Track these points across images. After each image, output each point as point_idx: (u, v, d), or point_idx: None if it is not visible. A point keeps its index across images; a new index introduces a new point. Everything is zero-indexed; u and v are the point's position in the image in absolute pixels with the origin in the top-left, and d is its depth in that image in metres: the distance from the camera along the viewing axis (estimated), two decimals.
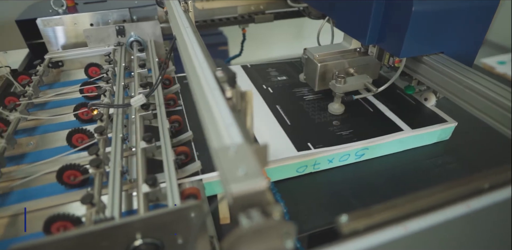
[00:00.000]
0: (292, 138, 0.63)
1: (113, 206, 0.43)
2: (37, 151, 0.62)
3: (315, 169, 0.62)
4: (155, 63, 0.81)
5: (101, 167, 0.49)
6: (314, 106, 0.75)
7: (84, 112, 0.67)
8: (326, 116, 0.71)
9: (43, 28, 0.97)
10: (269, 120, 0.70)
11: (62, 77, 0.92)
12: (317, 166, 0.62)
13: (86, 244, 0.34)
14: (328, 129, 0.67)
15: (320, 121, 0.70)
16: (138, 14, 1.06)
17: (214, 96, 0.40)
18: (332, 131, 0.66)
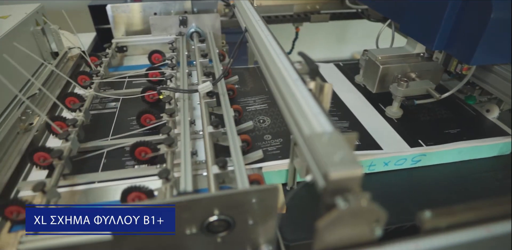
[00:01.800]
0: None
1: (186, 182, 0.45)
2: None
3: (370, 170, 0.62)
4: (215, 54, 0.84)
5: (173, 147, 0.52)
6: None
7: (150, 95, 0.71)
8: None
9: (112, 14, 1.02)
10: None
11: (125, 61, 0.97)
12: (372, 168, 0.62)
13: None
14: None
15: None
16: (199, 6, 1.10)
17: (298, 86, 0.42)
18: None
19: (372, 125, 0.67)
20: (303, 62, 0.48)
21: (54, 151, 0.50)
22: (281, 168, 0.57)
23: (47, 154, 0.54)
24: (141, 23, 1.06)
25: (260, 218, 0.40)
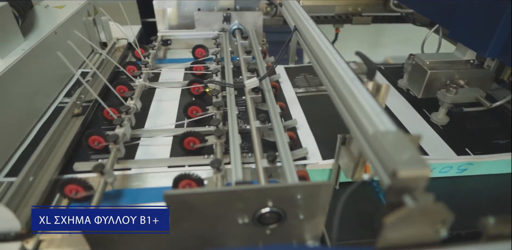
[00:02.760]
0: None
1: (236, 173, 0.46)
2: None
3: None
4: (258, 51, 0.85)
5: (222, 138, 0.54)
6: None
7: (195, 88, 0.73)
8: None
9: (158, 8, 1.06)
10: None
11: (168, 54, 1.00)
12: None
13: (225, 201, 0.38)
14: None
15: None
16: (241, 4, 1.11)
17: (357, 86, 0.42)
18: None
19: (417, 131, 0.66)
20: (357, 62, 0.48)
21: (110, 136, 0.53)
22: (325, 167, 0.57)
23: (101, 138, 0.57)
24: (184, 18, 1.09)
25: (310, 213, 0.41)
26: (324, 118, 0.68)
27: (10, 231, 0.42)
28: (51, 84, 0.76)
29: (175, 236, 0.41)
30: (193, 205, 0.38)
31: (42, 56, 0.73)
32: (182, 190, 0.37)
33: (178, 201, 0.37)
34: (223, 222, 0.40)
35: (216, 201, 0.38)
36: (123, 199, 0.50)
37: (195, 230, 0.40)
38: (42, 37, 0.75)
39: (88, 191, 0.47)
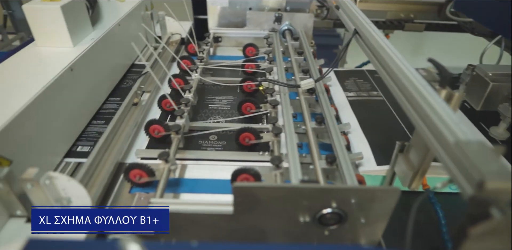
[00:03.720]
0: None
1: (296, 172, 0.47)
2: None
3: None
4: (310, 53, 0.85)
5: (279, 136, 0.54)
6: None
7: (248, 85, 0.74)
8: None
9: (211, 6, 1.08)
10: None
11: (218, 51, 1.02)
12: None
13: (291, 198, 0.39)
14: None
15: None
16: (292, 5, 1.12)
17: (430, 94, 0.41)
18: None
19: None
20: (427, 69, 0.47)
21: (173, 126, 0.55)
22: (379, 173, 0.57)
23: (161, 127, 0.59)
24: (235, 16, 1.11)
25: (372, 218, 0.40)
26: (377, 123, 0.67)
27: None
28: (113, 72, 0.80)
29: (236, 227, 0.42)
30: (260, 199, 0.39)
31: (107, 46, 0.77)
32: (251, 183, 0.38)
33: (246, 193, 0.38)
34: (285, 218, 0.41)
35: (282, 197, 0.39)
36: (181, 188, 0.52)
37: (256, 223, 0.41)
38: (109, 28, 0.78)
39: (151, 177, 0.50)
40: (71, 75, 0.61)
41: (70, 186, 0.43)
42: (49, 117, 0.54)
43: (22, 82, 0.55)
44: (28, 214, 0.44)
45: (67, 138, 0.59)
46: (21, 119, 0.47)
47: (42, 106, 0.52)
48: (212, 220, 0.41)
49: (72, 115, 0.61)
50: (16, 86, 0.54)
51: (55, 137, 0.55)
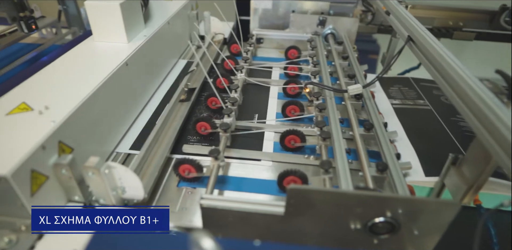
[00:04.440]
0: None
1: (346, 178, 0.46)
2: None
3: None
4: (355, 58, 0.84)
5: (327, 141, 0.54)
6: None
7: (292, 88, 0.74)
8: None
9: (254, 7, 1.09)
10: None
11: (258, 52, 1.03)
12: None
13: (346, 204, 0.38)
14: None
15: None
16: (336, 8, 1.11)
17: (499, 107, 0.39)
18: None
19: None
20: (491, 81, 0.46)
21: (222, 124, 0.56)
22: (426, 184, 0.55)
23: (208, 124, 0.60)
24: (277, 18, 1.11)
25: (426, 230, 0.39)
26: (425, 133, 0.65)
27: (133, 198, 0.47)
28: (161, 68, 0.82)
29: (284, 228, 0.42)
30: (313, 202, 0.39)
31: (156, 43, 0.79)
32: (307, 186, 0.38)
33: (300, 195, 0.38)
34: (335, 224, 0.40)
35: (336, 202, 0.38)
36: (227, 185, 0.53)
37: (305, 226, 0.41)
38: (159, 26, 0.81)
39: (199, 172, 0.51)
40: (126, 69, 0.63)
41: (126, 176, 0.45)
42: (105, 109, 0.56)
43: (83, 74, 0.58)
44: (85, 200, 0.46)
45: (119, 130, 0.61)
46: (82, 110, 0.50)
47: (100, 98, 0.54)
48: (261, 219, 0.41)
49: (125, 108, 0.63)
50: (78, 78, 0.56)
51: (109, 128, 0.58)
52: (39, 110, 0.48)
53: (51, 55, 0.95)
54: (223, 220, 0.42)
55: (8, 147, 0.41)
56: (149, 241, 0.34)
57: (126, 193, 0.46)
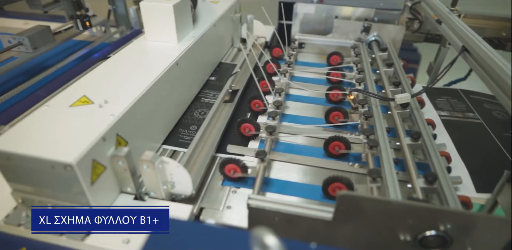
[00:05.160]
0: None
1: (395, 189, 0.46)
2: (293, 114, 0.72)
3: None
4: (401, 66, 0.82)
5: (374, 149, 0.53)
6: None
7: (335, 94, 0.74)
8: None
9: (298, 12, 1.10)
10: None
11: (299, 57, 1.03)
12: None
13: (398, 214, 0.38)
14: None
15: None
16: (381, 15, 1.09)
17: None
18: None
19: None
20: None
21: (268, 127, 0.56)
22: (476, 201, 0.53)
23: (252, 126, 0.61)
24: (319, 23, 1.11)
25: (480, 247, 0.38)
26: (476, 147, 0.63)
27: (181, 193, 0.48)
28: (206, 69, 0.85)
29: (330, 234, 0.42)
30: (364, 210, 0.38)
31: (203, 44, 0.82)
32: (358, 193, 0.37)
33: (350, 202, 0.38)
34: (384, 234, 0.40)
35: (389, 212, 0.38)
36: (270, 187, 0.53)
37: (352, 234, 0.41)
38: (207, 28, 0.83)
39: (244, 173, 0.51)
40: (176, 69, 0.66)
41: (177, 172, 0.46)
42: (156, 106, 0.58)
43: (138, 72, 0.60)
44: (136, 192, 0.48)
45: (166, 127, 0.64)
46: (137, 105, 0.52)
47: (152, 96, 0.57)
48: (308, 223, 0.41)
49: (172, 106, 0.65)
50: (133, 75, 0.59)
51: (158, 124, 0.60)
52: (99, 103, 0.50)
53: (102, 52, 1.00)
54: (269, 221, 0.42)
55: (73, 137, 0.43)
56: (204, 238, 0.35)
57: (175, 188, 0.48)
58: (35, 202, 0.45)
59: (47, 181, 0.43)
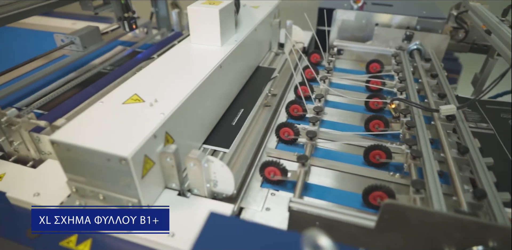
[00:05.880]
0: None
1: (440, 201, 0.45)
2: (330, 120, 0.72)
3: None
4: (444, 77, 0.80)
5: (417, 160, 0.52)
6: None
7: (375, 102, 0.73)
8: None
9: (337, 18, 1.10)
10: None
11: (337, 63, 1.03)
12: None
13: (445, 226, 0.37)
14: None
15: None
16: (423, 24, 1.07)
17: None
18: None
19: None
20: None
21: (309, 132, 0.57)
22: None
23: (291, 130, 0.62)
24: (359, 30, 1.10)
25: None
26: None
27: (222, 192, 0.50)
28: (246, 72, 0.86)
29: (370, 242, 0.41)
30: (409, 221, 0.38)
31: (244, 48, 0.84)
32: (405, 203, 0.37)
33: (395, 212, 0.38)
34: (427, 246, 0.39)
35: (434, 224, 0.37)
36: (309, 192, 0.53)
37: (393, 244, 0.40)
38: (248, 32, 0.85)
39: (283, 176, 0.52)
40: (220, 71, 0.68)
41: (221, 171, 0.48)
42: (200, 107, 0.60)
43: (184, 73, 0.63)
44: (180, 188, 0.50)
45: (208, 127, 0.66)
46: (184, 105, 0.54)
47: (198, 97, 0.59)
48: (349, 230, 0.41)
49: (214, 107, 0.67)
50: (180, 76, 0.61)
51: (200, 124, 0.62)
52: (149, 102, 0.53)
53: (145, 53, 1.05)
54: (309, 224, 0.43)
55: (127, 132, 0.46)
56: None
57: (217, 187, 0.49)
58: (87, 191, 0.48)
59: (100, 173, 0.45)
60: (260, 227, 0.37)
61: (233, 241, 0.34)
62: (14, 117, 0.58)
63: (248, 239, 0.35)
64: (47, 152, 0.61)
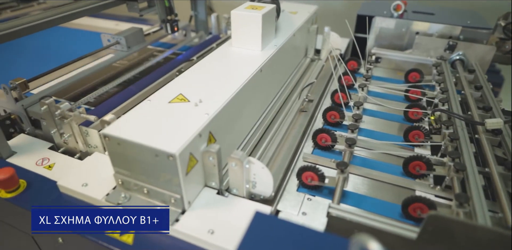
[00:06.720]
0: None
1: (484, 217, 0.43)
2: (367, 128, 0.71)
3: None
4: (489, 89, 0.78)
5: (460, 173, 0.51)
6: None
7: (414, 112, 0.72)
8: None
9: (376, 25, 1.08)
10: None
11: (374, 71, 1.02)
12: None
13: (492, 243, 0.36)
14: None
15: None
16: (467, 34, 1.04)
17: None
18: None
19: None
20: None
21: (348, 139, 0.57)
22: None
23: (329, 136, 0.62)
24: (398, 38, 1.09)
25: None
26: None
27: (260, 194, 0.51)
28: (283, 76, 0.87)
29: None
30: (454, 234, 0.37)
31: (283, 53, 0.85)
32: (452, 216, 0.37)
33: (440, 224, 0.37)
34: None
35: (480, 239, 0.36)
36: (346, 200, 0.53)
37: None
38: (287, 37, 0.86)
39: (321, 181, 0.52)
40: (260, 75, 0.69)
41: (261, 173, 0.49)
42: (241, 109, 0.62)
43: (226, 75, 0.65)
44: (219, 187, 0.51)
45: (246, 128, 0.67)
46: (226, 107, 0.56)
47: (239, 99, 0.60)
48: (388, 239, 0.41)
49: (253, 110, 0.69)
50: (222, 78, 0.63)
51: (240, 126, 0.64)
52: (194, 102, 0.55)
53: (185, 54, 1.08)
54: (347, 231, 0.43)
55: (174, 130, 0.48)
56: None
57: (256, 188, 0.50)
58: (131, 184, 0.51)
59: (147, 168, 0.47)
60: (305, 230, 0.38)
61: (278, 241, 0.35)
62: (66, 110, 0.62)
63: (293, 240, 0.35)
64: (94, 145, 0.64)
